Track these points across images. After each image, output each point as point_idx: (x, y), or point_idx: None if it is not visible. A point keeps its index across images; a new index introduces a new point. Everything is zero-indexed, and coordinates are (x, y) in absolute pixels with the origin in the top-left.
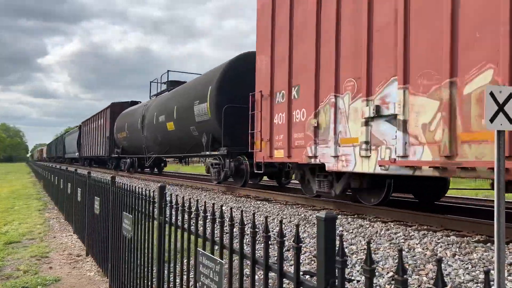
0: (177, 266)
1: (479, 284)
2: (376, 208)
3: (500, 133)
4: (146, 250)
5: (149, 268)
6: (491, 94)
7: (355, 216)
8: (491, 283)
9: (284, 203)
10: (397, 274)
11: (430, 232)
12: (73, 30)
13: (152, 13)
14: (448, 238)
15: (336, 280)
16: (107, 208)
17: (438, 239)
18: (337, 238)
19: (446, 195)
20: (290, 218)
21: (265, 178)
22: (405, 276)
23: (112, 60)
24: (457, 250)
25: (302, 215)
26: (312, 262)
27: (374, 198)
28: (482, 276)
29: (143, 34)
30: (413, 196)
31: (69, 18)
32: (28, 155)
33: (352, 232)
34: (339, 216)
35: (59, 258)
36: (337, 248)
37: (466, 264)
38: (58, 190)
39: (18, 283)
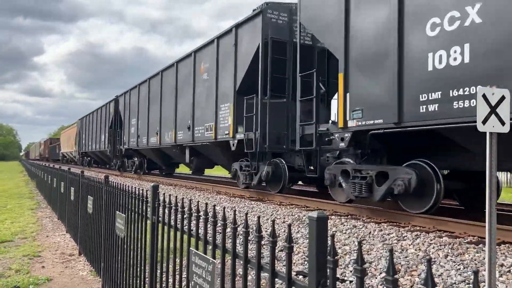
0: (169, 265)
1: (470, 285)
2: (370, 209)
3: (492, 135)
4: (139, 250)
5: (142, 267)
6: (484, 96)
7: (349, 216)
8: (482, 283)
9: (278, 203)
10: (387, 274)
11: (423, 233)
12: (70, 29)
13: (149, 13)
14: (441, 239)
15: (328, 280)
16: (100, 208)
17: (431, 240)
18: (329, 238)
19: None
20: (284, 218)
21: None
22: (395, 276)
23: (108, 59)
24: (449, 251)
25: (296, 216)
26: (306, 262)
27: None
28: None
29: (140, 34)
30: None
31: (66, 17)
32: (21, 154)
33: (345, 233)
34: (332, 217)
35: (52, 257)
36: (328, 248)
37: (458, 265)
38: (51, 189)
39: (9, 282)
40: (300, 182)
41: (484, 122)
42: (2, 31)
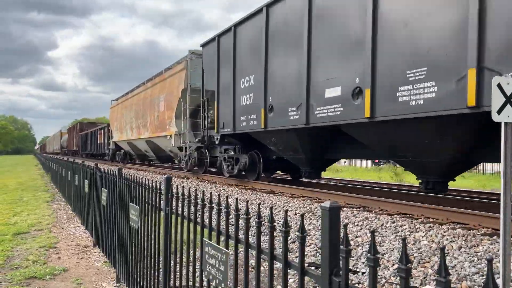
0: (183, 256)
1: (484, 277)
2: (382, 201)
3: (507, 125)
4: (152, 241)
5: (156, 258)
6: (499, 85)
7: (361, 208)
8: (496, 275)
9: (290, 195)
10: (400, 262)
11: (436, 225)
12: (83, 23)
13: (160, 6)
14: (454, 231)
15: (340, 270)
16: (114, 200)
17: (444, 232)
18: (342, 228)
19: (453, 188)
20: (295, 210)
21: None
22: (408, 265)
23: (120, 52)
24: (463, 243)
25: (308, 208)
26: (317, 254)
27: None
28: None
29: (151, 27)
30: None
31: (79, 11)
32: (36, 147)
33: (357, 225)
34: (344, 209)
35: (67, 248)
36: (341, 238)
37: (472, 256)
38: (65, 182)
39: (27, 272)
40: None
41: (499, 112)
42: (17, 26)
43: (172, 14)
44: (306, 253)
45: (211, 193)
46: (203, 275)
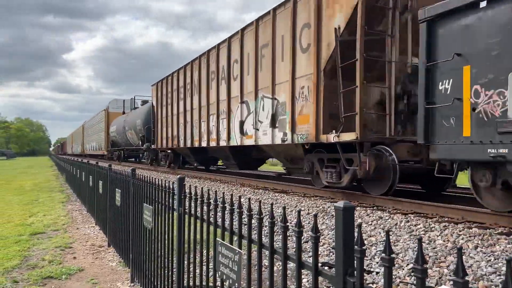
0: (196, 256)
1: (501, 276)
2: (396, 200)
3: None
4: (166, 241)
5: (170, 258)
6: None
7: (374, 208)
8: None
9: (302, 195)
10: (416, 263)
11: (451, 224)
12: (97, 26)
13: (173, 7)
14: (470, 230)
15: (355, 270)
16: (128, 200)
17: (460, 231)
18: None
19: (468, 187)
20: (308, 210)
21: None
22: (424, 265)
23: (134, 54)
24: (479, 242)
25: (321, 207)
26: (331, 253)
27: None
28: (505, 268)
29: (164, 29)
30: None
31: (93, 14)
32: (51, 149)
33: (371, 224)
34: (358, 208)
35: (82, 248)
36: (355, 238)
37: (489, 256)
38: (80, 183)
39: (43, 272)
40: None
41: None
42: (33, 30)
43: (185, 15)
44: (319, 252)
45: (223, 193)
46: (217, 275)
